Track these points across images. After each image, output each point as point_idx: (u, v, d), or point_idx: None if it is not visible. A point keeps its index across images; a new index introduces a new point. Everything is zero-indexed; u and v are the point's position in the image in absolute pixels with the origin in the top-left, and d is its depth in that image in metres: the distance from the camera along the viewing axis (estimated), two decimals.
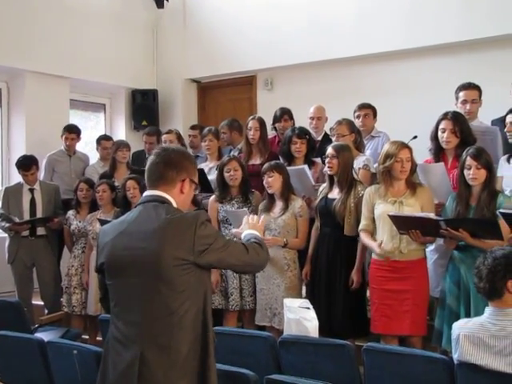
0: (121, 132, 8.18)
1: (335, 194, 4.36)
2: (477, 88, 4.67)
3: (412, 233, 3.75)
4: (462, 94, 4.67)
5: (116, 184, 5.60)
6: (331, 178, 4.41)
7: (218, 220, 4.78)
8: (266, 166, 4.58)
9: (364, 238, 4.10)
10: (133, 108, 8.21)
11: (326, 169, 4.43)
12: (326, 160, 4.39)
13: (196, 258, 2.32)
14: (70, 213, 5.64)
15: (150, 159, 2.51)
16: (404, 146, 4.02)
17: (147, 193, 2.49)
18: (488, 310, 2.84)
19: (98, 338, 5.20)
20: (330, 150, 4.36)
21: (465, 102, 4.64)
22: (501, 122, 4.62)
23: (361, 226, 4.13)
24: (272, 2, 7.44)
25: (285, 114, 5.75)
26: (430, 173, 4.17)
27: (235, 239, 2.55)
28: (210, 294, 2.48)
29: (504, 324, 2.73)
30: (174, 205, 2.45)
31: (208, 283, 2.47)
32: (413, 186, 4.02)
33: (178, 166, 2.46)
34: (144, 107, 8.13)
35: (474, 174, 3.72)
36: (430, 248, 4.27)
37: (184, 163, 2.49)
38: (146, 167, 2.52)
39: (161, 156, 2.48)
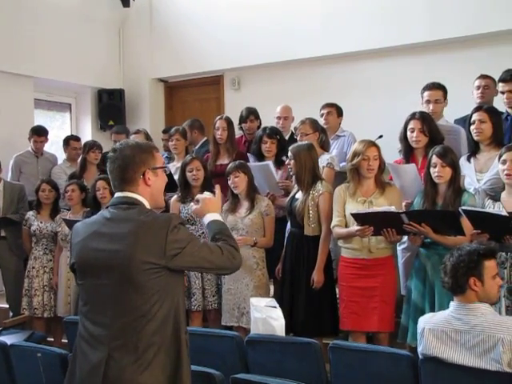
0: (87, 132, 8.08)
1: (300, 194, 4.38)
2: (441, 88, 4.71)
3: (386, 231, 3.78)
4: (425, 94, 4.71)
5: (85, 184, 5.55)
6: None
7: None
8: (230, 166, 4.58)
9: (338, 230, 4.10)
10: (99, 108, 8.13)
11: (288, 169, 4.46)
12: (287, 162, 4.44)
13: (168, 262, 2.29)
14: (30, 213, 5.57)
15: (108, 165, 2.46)
16: (371, 144, 4.06)
17: (117, 194, 2.45)
18: (452, 304, 2.88)
19: (63, 341, 5.13)
20: (289, 152, 4.40)
21: (428, 102, 4.69)
22: (463, 121, 4.70)
23: (333, 223, 4.14)
24: (239, 2, 7.44)
25: (251, 114, 5.75)
26: (401, 173, 4.22)
27: (206, 240, 2.52)
28: (182, 296, 2.46)
29: (467, 318, 2.77)
30: (146, 205, 2.42)
31: (181, 286, 2.45)
32: (382, 185, 4.06)
33: (133, 164, 2.41)
34: (110, 107, 8.05)
35: (439, 172, 3.78)
36: (402, 246, 4.32)
37: (137, 157, 2.41)
38: (108, 171, 2.48)
39: (113, 159, 2.43)
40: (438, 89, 4.68)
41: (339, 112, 5.50)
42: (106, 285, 2.33)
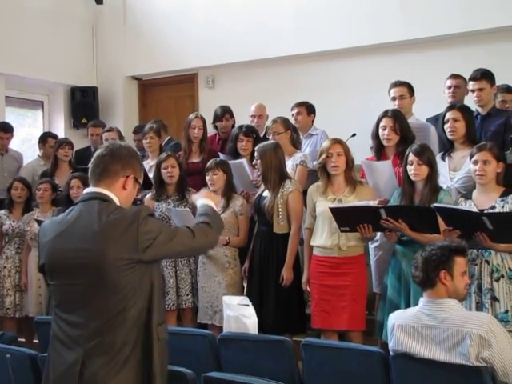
0: (60, 130, 7.96)
1: (267, 192, 4.38)
2: (405, 85, 4.77)
3: (362, 227, 3.80)
4: (391, 91, 4.79)
5: (56, 183, 5.49)
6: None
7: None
8: (211, 162, 4.57)
9: (307, 235, 4.16)
10: (72, 105, 8.03)
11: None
12: (254, 161, 4.46)
13: (141, 254, 2.29)
14: (2, 212, 5.48)
15: (97, 152, 2.46)
16: (336, 141, 4.09)
17: (88, 190, 2.44)
18: (422, 300, 2.92)
19: (35, 341, 5.07)
20: (255, 152, 4.43)
21: (394, 98, 4.77)
22: (435, 120, 4.76)
23: (306, 225, 4.20)
24: (213, 0, 7.41)
25: (226, 113, 5.75)
26: (376, 171, 4.23)
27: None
28: (156, 289, 2.42)
29: (436, 314, 2.81)
30: (117, 202, 2.40)
31: (155, 277, 2.43)
32: (353, 183, 4.08)
33: (124, 161, 2.43)
34: (84, 105, 7.96)
35: (416, 170, 3.81)
36: (375, 244, 4.35)
37: (131, 160, 2.45)
38: (92, 160, 2.46)
39: (108, 149, 2.44)
40: (402, 85, 4.76)
41: (309, 110, 5.52)
42: (79, 284, 2.31)
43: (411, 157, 3.82)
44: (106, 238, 2.27)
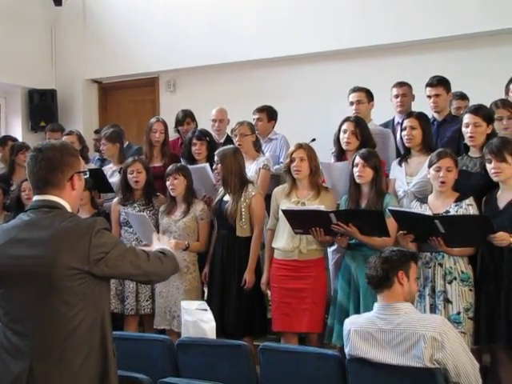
0: (17, 133, 7.79)
1: (228, 196, 4.39)
2: (363, 90, 4.85)
3: (314, 231, 3.83)
4: (350, 96, 4.87)
5: (12, 188, 5.38)
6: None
7: (120, 223, 4.73)
8: (171, 167, 4.55)
9: (269, 236, 4.19)
10: (30, 108, 7.88)
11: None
12: (214, 166, 4.47)
13: (91, 267, 2.22)
14: None
15: (29, 164, 2.34)
16: (299, 146, 4.15)
17: (37, 197, 2.35)
18: (376, 305, 2.96)
19: None
20: (215, 157, 4.44)
21: (352, 103, 4.84)
22: (385, 126, 4.91)
23: (268, 226, 4.23)
24: (174, 3, 7.38)
25: (187, 117, 5.74)
26: (334, 172, 4.30)
27: (138, 247, 2.48)
28: (108, 304, 2.40)
29: (391, 318, 2.85)
30: (68, 208, 2.35)
31: (106, 293, 2.39)
32: (317, 188, 4.13)
33: (62, 166, 2.32)
34: (42, 108, 7.83)
35: (360, 172, 3.88)
36: (332, 248, 4.39)
37: (65, 159, 2.33)
38: (27, 172, 2.36)
39: (39, 160, 2.31)
40: (360, 91, 4.85)
41: (270, 116, 5.49)
42: (27, 293, 2.24)
43: (357, 159, 3.91)
44: (57, 246, 2.22)
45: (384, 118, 5.14)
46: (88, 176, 2.52)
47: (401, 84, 5.00)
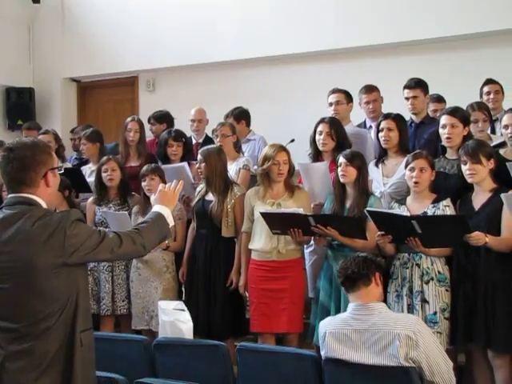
0: None
1: (212, 195, 4.38)
2: (342, 92, 4.90)
3: (292, 232, 3.84)
4: (329, 97, 4.92)
5: None
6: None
7: (95, 222, 4.69)
8: (146, 168, 4.53)
9: (244, 239, 4.18)
10: (7, 106, 7.82)
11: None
12: (197, 165, 4.46)
13: (67, 258, 2.25)
14: None
15: (1, 164, 2.33)
16: (281, 148, 4.13)
17: (13, 195, 2.35)
18: (351, 306, 2.98)
19: None
20: (198, 155, 4.42)
21: (330, 104, 4.88)
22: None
23: (243, 229, 4.22)
24: (154, 2, 7.37)
25: (165, 118, 5.75)
26: (311, 172, 4.30)
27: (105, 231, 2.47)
28: (82, 293, 2.38)
29: (365, 318, 2.87)
30: (43, 205, 2.35)
31: (81, 281, 2.39)
32: (291, 188, 4.13)
33: (34, 165, 2.32)
34: (19, 106, 7.76)
35: (344, 172, 3.90)
36: (309, 249, 4.40)
37: (37, 158, 2.33)
38: (0, 172, 2.35)
39: (11, 159, 2.30)
40: (339, 92, 4.89)
41: (237, 118, 5.46)
42: (3, 289, 2.26)
43: (341, 159, 3.93)
44: (33, 243, 2.23)
45: (360, 120, 5.18)
46: (62, 172, 2.51)
47: (370, 90, 5.02)
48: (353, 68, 6.34)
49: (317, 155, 4.43)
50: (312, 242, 4.13)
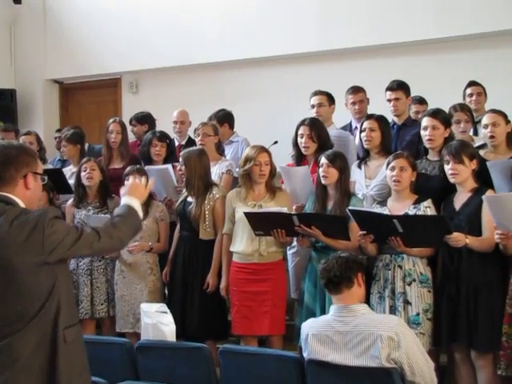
0: None
1: (191, 198, 4.36)
2: (324, 94, 4.91)
3: (275, 232, 3.84)
4: (311, 99, 4.92)
5: None
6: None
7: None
8: (130, 168, 4.52)
9: (225, 241, 4.17)
10: None
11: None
12: (178, 167, 4.46)
13: (47, 256, 2.24)
14: None
15: None
16: (263, 149, 4.13)
17: None
18: (333, 308, 2.98)
19: None
20: (180, 158, 4.43)
21: (313, 106, 4.90)
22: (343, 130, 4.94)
23: (224, 230, 4.20)
24: (136, 4, 7.35)
25: (147, 118, 5.73)
26: (293, 176, 4.30)
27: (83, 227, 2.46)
28: (64, 289, 2.37)
29: (348, 320, 2.87)
30: (22, 204, 2.34)
31: (63, 277, 2.37)
32: (272, 189, 4.13)
33: (15, 162, 2.33)
34: (1, 108, 7.64)
35: (325, 172, 3.91)
36: (292, 251, 4.41)
37: (21, 157, 2.35)
38: None
39: None
40: (321, 94, 4.91)
41: (220, 120, 5.43)
42: None
43: (323, 160, 3.93)
44: (12, 243, 2.22)
45: (346, 122, 5.20)
46: (46, 181, 2.50)
47: (356, 91, 5.04)
48: (336, 70, 6.37)
49: (300, 157, 4.44)
50: (295, 243, 4.14)
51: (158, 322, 3.31)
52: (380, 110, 4.57)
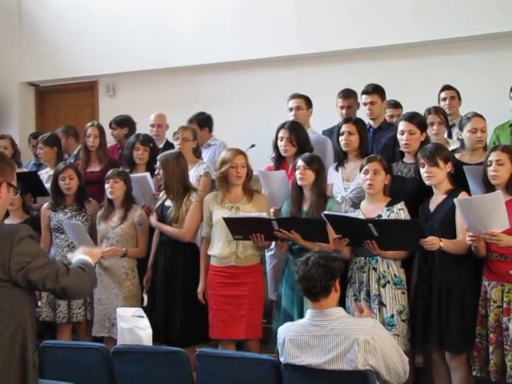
0: None
1: (170, 202, 4.36)
2: (302, 97, 4.92)
3: (254, 237, 3.85)
4: (289, 102, 4.93)
5: None
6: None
7: (50, 228, 4.65)
8: (112, 171, 4.51)
9: (204, 244, 4.16)
10: None
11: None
12: (156, 171, 4.46)
13: (13, 275, 2.20)
14: None
15: None
16: (239, 152, 4.13)
17: None
18: (309, 312, 2.97)
19: None
20: (157, 162, 4.41)
21: (291, 109, 4.91)
22: (330, 132, 4.93)
23: (203, 234, 4.20)
24: (114, 7, 7.31)
25: (127, 122, 5.72)
26: (270, 180, 4.33)
27: (55, 258, 2.43)
28: (32, 314, 2.34)
29: (324, 324, 2.87)
30: None
31: (30, 303, 2.34)
32: (250, 192, 4.14)
33: None
34: None
35: (302, 174, 3.92)
36: (270, 253, 4.42)
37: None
38: None
39: None
40: (299, 97, 4.91)
41: (201, 124, 5.47)
42: None
43: (299, 162, 3.96)
44: None
45: (323, 125, 5.21)
46: (16, 197, 2.46)
47: (346, 96, 5.00)
48: (313, 73, 6.39)
49: (280, 159, 4.47)
50: (273, 245, 4.15)
51: (134, 327, 3.29)
52: (358, 113, 4.61)
